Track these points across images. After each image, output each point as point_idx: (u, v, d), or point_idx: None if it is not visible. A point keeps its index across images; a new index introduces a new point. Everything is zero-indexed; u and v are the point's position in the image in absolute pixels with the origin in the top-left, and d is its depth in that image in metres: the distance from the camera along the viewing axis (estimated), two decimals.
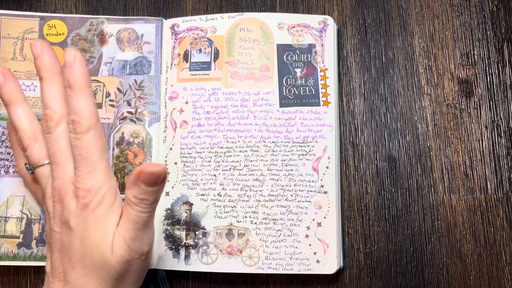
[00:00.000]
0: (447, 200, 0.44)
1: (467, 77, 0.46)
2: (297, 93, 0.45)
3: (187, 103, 0.45)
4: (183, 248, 0.44)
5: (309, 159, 0.44)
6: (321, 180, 0.43)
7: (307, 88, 0.45)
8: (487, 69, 0.46)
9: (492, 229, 0.44)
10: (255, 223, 0.43)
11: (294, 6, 0.48)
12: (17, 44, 0.47)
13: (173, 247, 0.44)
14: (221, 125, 0.45)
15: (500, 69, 0.46)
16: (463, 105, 0.46)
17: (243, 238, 0.43)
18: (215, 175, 0.44)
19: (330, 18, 0.46)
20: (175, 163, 0.45)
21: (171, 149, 0.45)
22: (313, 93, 0.45)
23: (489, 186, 0.44)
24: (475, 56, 0.46)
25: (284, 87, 0.45)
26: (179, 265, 0.43)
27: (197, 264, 0.43)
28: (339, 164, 0.45)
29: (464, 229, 0.44)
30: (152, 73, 0.46)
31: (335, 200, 0.43)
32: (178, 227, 0.44)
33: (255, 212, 0.43)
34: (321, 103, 0.45)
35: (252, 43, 0.46)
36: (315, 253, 0.43)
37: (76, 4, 0.50)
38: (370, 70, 0.47)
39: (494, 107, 0.45)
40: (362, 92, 0.47)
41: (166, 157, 0.45)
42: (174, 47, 0.46)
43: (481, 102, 0.46)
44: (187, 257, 0.43)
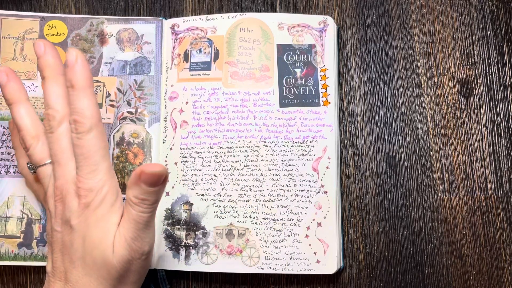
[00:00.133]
0: (447, 200, 0.44)
1: (467, 77, 0.46)
2: (297, 93, 0.45)
3: (187, 103, 0.45)
4: (183, 248, 0.44)
5: (309, 159, 0.44)
6: (321, 180, 0.44)
7: (307, 88, 0.45)
8: (487, 69, 0.46)
9: (492, 229, 0.44)
10: (255, 223, 0.43)
11: (294, 6, 0.48)
12: (17, 44, 0.47)
13: (173, 247, 0.44)
14: (221, 125, 0.45)
15: (500, 69, 0.46)
16: (463, 105, 0.46)
17: (243, 238, 0.43)
18: (215, 175, 0.44)
19: (330, 18, 0.46)
20: (175, 163, 0.45)
21: (171, 149, 0.45)
22: (313, 93, 0.45)
23: (489, 186, 0.44)
24: (475, 56, 0.46)
25: (284, 87, 0.45)
26: (179, 265, 0.43)
27: (197, 264, 0.43)
28: (339, 164, 0.45)
29: (464, 229, 0.44)
30: (152, 73, 0.46)
31: (335, 200, 0.43)
32: (178, 227, 0.44)
33: (255, 212, 0.43)
34: (321, 103, 0.45)
35: (252, 43, 0.46)
36: (315, 253, 0.43)
37: (76, 4, 0.50)
38: (370, 70, 0.47)
39: (494, 107, 0.45)
40: (362, 92, 0.47)
41: (166, 157, 0.45)
42: (174, 47, 0.46)
43: (481, 102, 0.46)
44: (187, 257, 0.43)
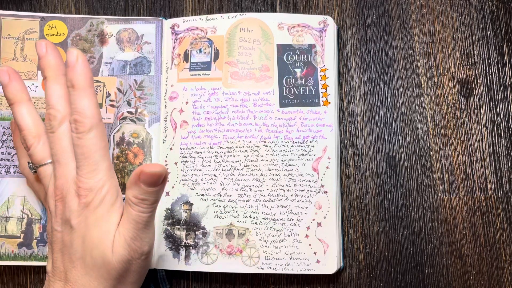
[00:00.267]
0: (447, 200, 0.44)
1: (467, 77, 0.46)
2: (297, 93, 0.45)
3: (187, 103, 0.45)
4: (183, 248, 0.44)
5: (309, 159, 0.44)
6: (321, 180, 0.44)
7: (307, 88, 0.45)
8: (487, 69, 0.46)
9: (492, 229, 0.44)
10: (255, 223, 0.43)
11: (294, 6, 0.48)
12: (17, 44, 0.47)
13: (173, 247, 0.44)
14: (221, 125, 0.45)
15: (500, 69, 0.46)
16: (463, 105, 0.46)
17: (243, 238, 0.43)
18: (215, 175, 0.44)
19: (330, 18, 0.46)
20: (175, 163, 0.45)
21: (171, 149, 0.45)
22: (313, 93, 0.45)
23: (489, 186, 0.44)
24: (475, 56, 0.46)
25: (284, 87, 0.45)
26: (179, 265, 0.43)
27: (197, 264, 0.43)
28: (339, 164, 0.45)
29: (464, 229, 0.44)
30: (152, 73, 0.46)
31: (335, 200, 0.43)
32: (178, 227, 0.44)
33: (255, 212, 0.43)
34: (321, 103, 0.45)
35: (252, 43, 0.46)
36: (315, 253, 0.43)
37: (76, 4, 0.50)
38: (370, 70, 0.47)
39: (494, 107, 0.45)
40: (362, 92, 0.47)
41: (166, 157, 0.45)
42: (174, 47, 0.46)
43: (481, 102, 0.46)
44: (187, 257, 0.43)
